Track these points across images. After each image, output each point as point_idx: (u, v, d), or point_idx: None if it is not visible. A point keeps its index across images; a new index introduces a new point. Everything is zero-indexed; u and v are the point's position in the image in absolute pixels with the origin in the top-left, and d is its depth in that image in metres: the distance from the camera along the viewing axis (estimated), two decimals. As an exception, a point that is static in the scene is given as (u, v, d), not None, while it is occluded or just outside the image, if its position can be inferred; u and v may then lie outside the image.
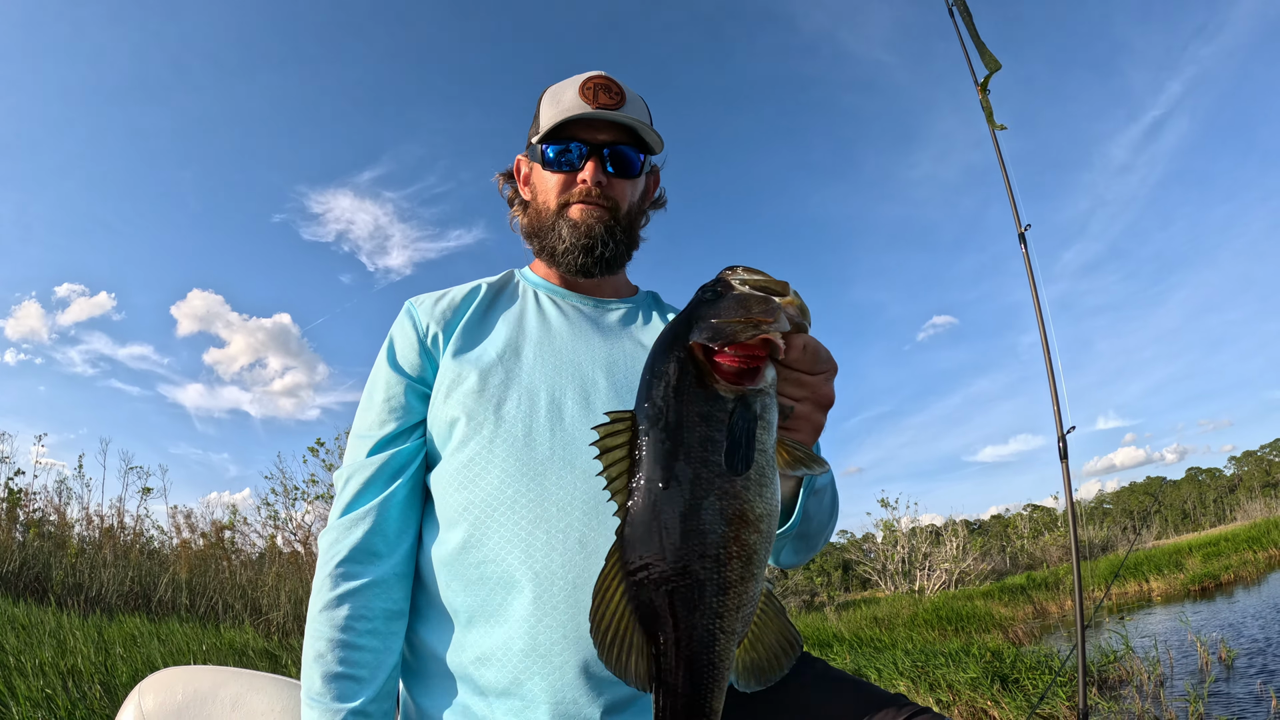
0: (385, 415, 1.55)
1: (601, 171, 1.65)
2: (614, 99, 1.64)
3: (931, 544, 19.19)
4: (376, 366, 1.63)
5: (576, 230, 1.65)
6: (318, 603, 1.38)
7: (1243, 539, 19.76)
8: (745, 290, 0.93)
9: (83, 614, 7.62)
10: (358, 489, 1.48)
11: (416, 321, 1.63)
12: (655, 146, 1.74)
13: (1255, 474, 70.18)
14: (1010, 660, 6.89)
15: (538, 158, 1.70)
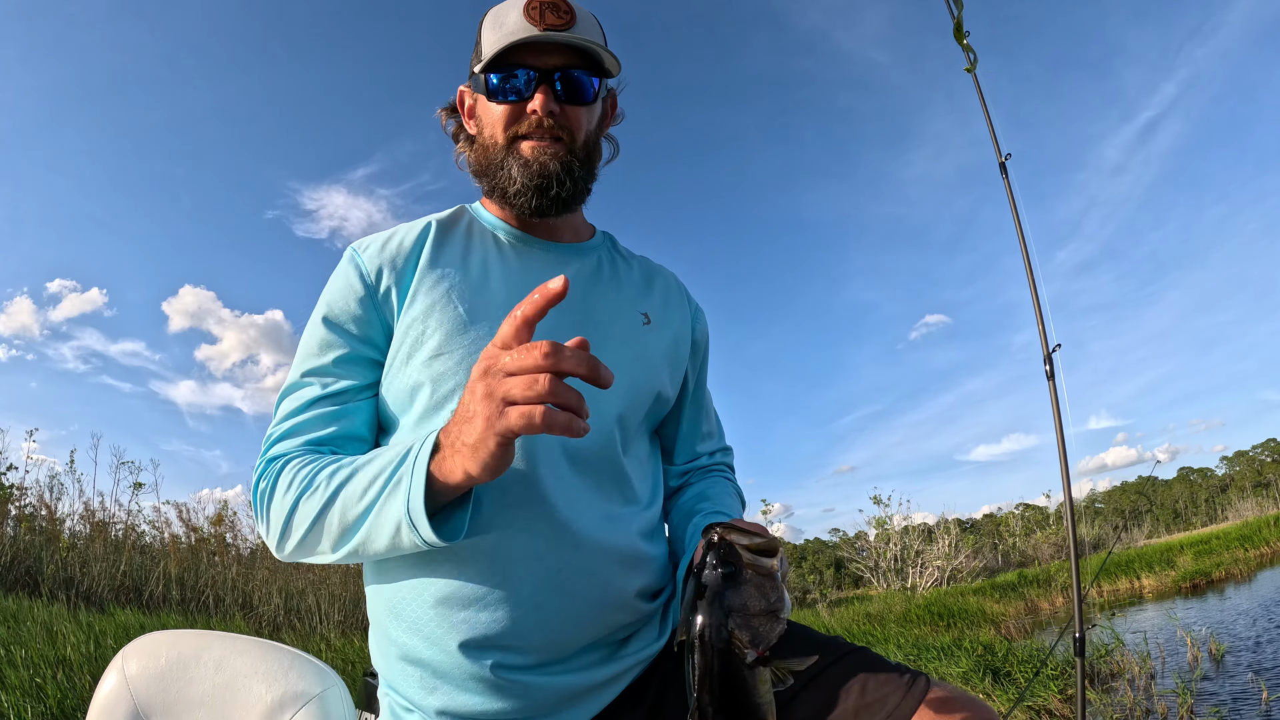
0: (319, 390, 1.40)
1: (553, 99, 1.47)
2: (563, 18, 1.45)
3: (924, 542, 19.21)
4: (310, 330, 1.46)
5: (529, 169, 1.47)
6: (284, 503, 1.26)
7: (1234, 537, 19.84)
8: (758, 569, 1.06)
9: (74, 607, 7.62)
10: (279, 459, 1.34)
11: (364, 270, 1.45)
12: (612, 69, 1.54)
13: (1247, 474, 70.42)
14: (1002, 654, 6.91)
15: (481, 88, 1.52)
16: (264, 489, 1.30)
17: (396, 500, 1.14)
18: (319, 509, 1.22)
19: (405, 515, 1.12)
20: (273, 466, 1.31)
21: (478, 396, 1.03)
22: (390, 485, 1.16)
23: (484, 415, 1.01)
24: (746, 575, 1.04)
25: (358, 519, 1.19)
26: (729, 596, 1.04)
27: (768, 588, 1.05)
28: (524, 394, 0.98)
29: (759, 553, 1.06)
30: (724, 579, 1.04)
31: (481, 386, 1.03)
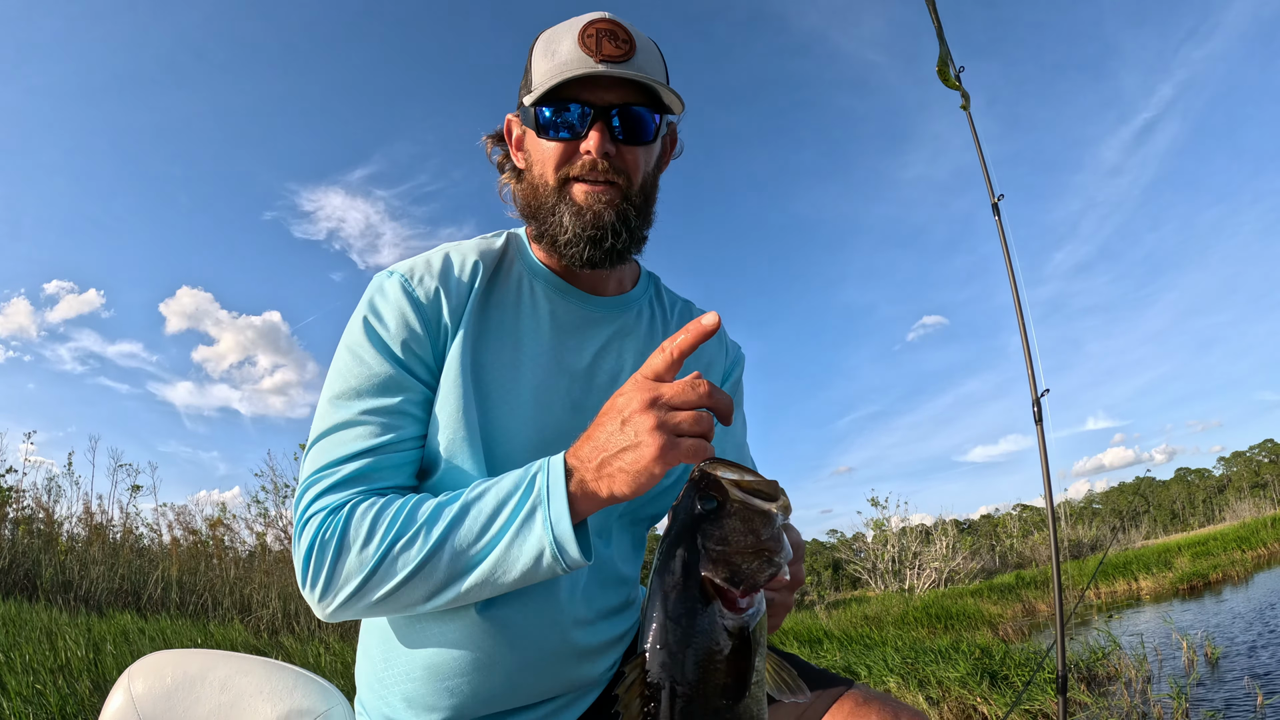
0: (374, 428, 1.27)
1: (609, 139, 1.34)
2: (621, 48, 1.33)
3: (921, 543, 19.24)
4: (353, 359, 1.31)
5: (581, 217, 1.35)
6: (358, 555, 1.14)
7: (1231, 539, 19.88)
8: (746, 503, 0.88)
9: (72, 611, 7.62)
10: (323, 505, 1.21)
11: (419, 302, 1.34)
12: (674, 106, 1.41)
13: (1244, 474, 70.57)
14: (999, 657, 6.92)
15: (531, 121, 1.39)
16: (327, 539, 1.15)
17: (533, 529, 1.10)
18: (425, 553, 1.13)
19: (551, 542, 1.09)
20: (335, 516, 1.17)
21: (645, 426, 1.02)
22: (521, 515, 1.12)
23: (656, 445, 1.00)
24: (730, 509, 0.87)
25: (477, 556, 1.13)
26: (706, 530, 0.87)
27: (758, 524, 0.87)
28: (692, 428, 1.01)
29: (751, 492, 0.89)
30: (704, 512, 0.88)
31: (650, 418, 1.02)
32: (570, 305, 1.47)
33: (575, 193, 1.37)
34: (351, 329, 1.34)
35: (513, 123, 1.50)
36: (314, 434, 1.29)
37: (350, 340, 1.33)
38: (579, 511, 1.11)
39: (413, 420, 1.31)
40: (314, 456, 1.26)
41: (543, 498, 1.11)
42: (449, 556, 1.13)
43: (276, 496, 11.94)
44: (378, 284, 1.37)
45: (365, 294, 1.38)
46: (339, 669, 5.97)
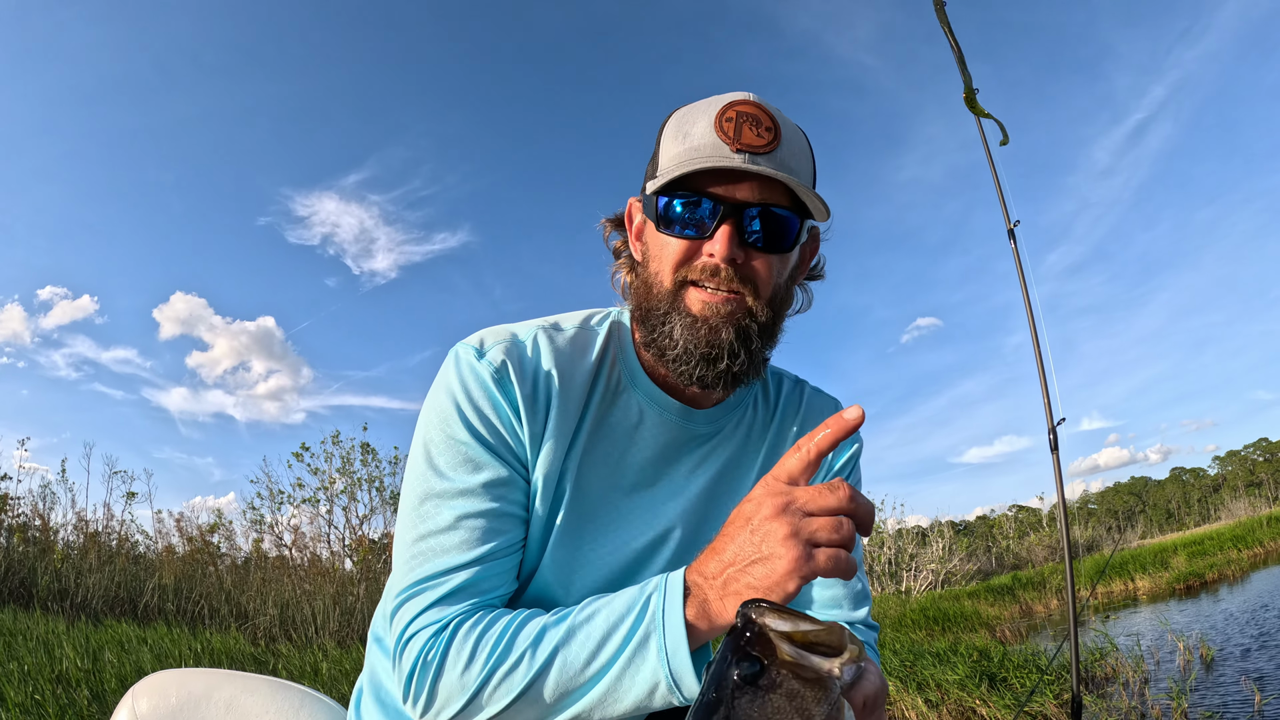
0: (477, 528, 1.16)
1: (738, 244, 1.17)
2: (764, 138, 1.15)
3: (918, 545, 19.23)
4: (447, 449, 1.19)
5: (695, 331, 1.19)
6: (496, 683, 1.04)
7: (1227, 538, 19.90)
8: (797, 668, 0.69)
9: (69, 619, 7.60)
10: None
11: (513, 396, 1.21)
12: (817, 215, 1.22)
13: (1239, 473, 70.80)
14: (998, 659, 6.92)
15: (652, 211, 1.21)
16: (429, 660, 1.06)
17: (648, 659, 1.00)
18: (529, 679, 1.02)
19: (666, 675, 0.98)
20: (438, 637, 1.07)
21: (777, 536, 0.91)
22: (634, 643, 1.01)
23: (790, 557, 0.90)
24: (777, 678, 0.68)
25: (584, 685, 1.03)
26: (740, 709, 0.68)
27: (810, 699, 0.68)
28: (829, 537, 0.91)
29: (805, 646, 0.70)
30: (741, 681, 0.69)
31: (783, 526, 0.91)
32: (670, 422, 1.33)
33: (690, 300, 1.20)
34: (442, 414, 1.21)
35: (634, 208, 1.34)
36: (408, 533, 1.17)
37: (444, 429, 1.20)
38: (698, 635, 1.00)
39: (516, 522, 1.21)
40: (412, 563, 1.15)
41: (657, 624, 1.01)
42: (553, 684, 1.03)
43: (272, 503, 11.95)
44: (468, 366, 1.22)
45: (452, 373, 1.23)
46: (338, 675, 5.96)
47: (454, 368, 1.23)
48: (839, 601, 1.40)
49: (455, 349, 1.26)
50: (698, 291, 1.19)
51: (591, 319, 1.36)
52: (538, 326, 1.29)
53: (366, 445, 12.07)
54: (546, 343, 1.26)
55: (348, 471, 11.94)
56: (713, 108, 1.17)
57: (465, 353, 1.24)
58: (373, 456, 12.04)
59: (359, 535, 11.41)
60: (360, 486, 11.87)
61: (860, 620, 1.41)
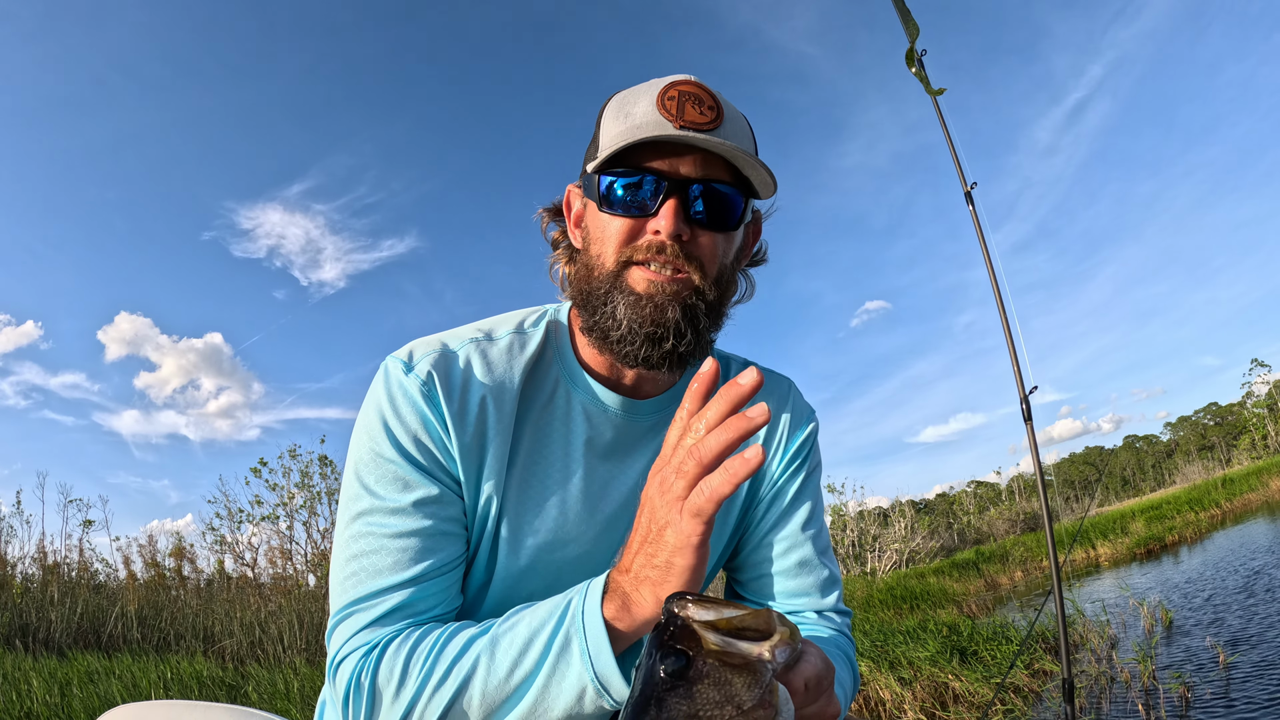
0: (410, 544, 1.13)
1: (683, 220, 1.14)
2: (707, 115, 1.13)
3: (880, 526, 19.39)
4: (376, 468, 1.16)
5: (639, 309, 1.15)
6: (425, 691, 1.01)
7: (1184, 501, 20.33)
8: (725, 655, 0.67)
9: (33, 654, 7.44)
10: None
11: (442, 412, 1.17)
12: (761, 189, 1.21)
13: (1191, 438, 72.17)
14: (967, 634, 7.01)
15: (593, 192, 1.18)
16: (362, 682, 1.03)
17: (571, 663, 0.96)
18: (455, 691, 0.99)
19: (593, 679, 0.95)
20: (368, 658, 1.04)
21: (662, 504, 0.90)
22: (555, 648, 0.98)
23: (676, 512, 0.88)
24: (704, 668, 0.66)
25: (513, 695, 0.99)
26: (670, 705, 0.66)
27: (740, 685, 0.66)
28: (692, 470, 0.85)
29: (732, 633, 0.68)
30: (667, 677, 0.66)
31: (663, 492, 0.90)
32: (613, 419, 1.30)
33: (634, 279, 1.16)
34: (370, 431, 1.18)
35: (573, 195, 1.31)
36: (342, 553, 1.15)
37: (372, 446, 1.17)
38: (621, 635, 0.97)
39: (450, 540, 1.18)
40: (345, 585, 1.12)
41: (578, 625, 0.97)
42: (479, 694, 0.99)
43: (231, 522, 11.79)
44: (395, 381, 1.19)
45: (380, 389, 1.20)
46: (310, 693, 5.89)
47: (382, 382, 1.20)
48: (807, 590, 1.37)
49: (385, 362, 1.23)
50: (642, 270, 1.16)
51: (526, 321, 1.33)
52: (470, 336, 1.27)
53: (325, 458, 11.93)
54: (478, 354, 1.24)
55: (306, 485, 11.81)
56: (654, 88, 1.16)
57: (394, 366, 1.21)
58: (331, 469, 11.91)
59: (320, 550, 11.29)
60: (320, 500, 11.74)
61: (830, 607, 1.38)
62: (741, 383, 0.84)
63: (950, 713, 5.46)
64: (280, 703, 5.62)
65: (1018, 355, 3.02)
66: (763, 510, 1.40)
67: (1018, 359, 3.01)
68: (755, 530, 1.41)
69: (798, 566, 1.37)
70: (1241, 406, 60.49)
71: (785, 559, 1.37)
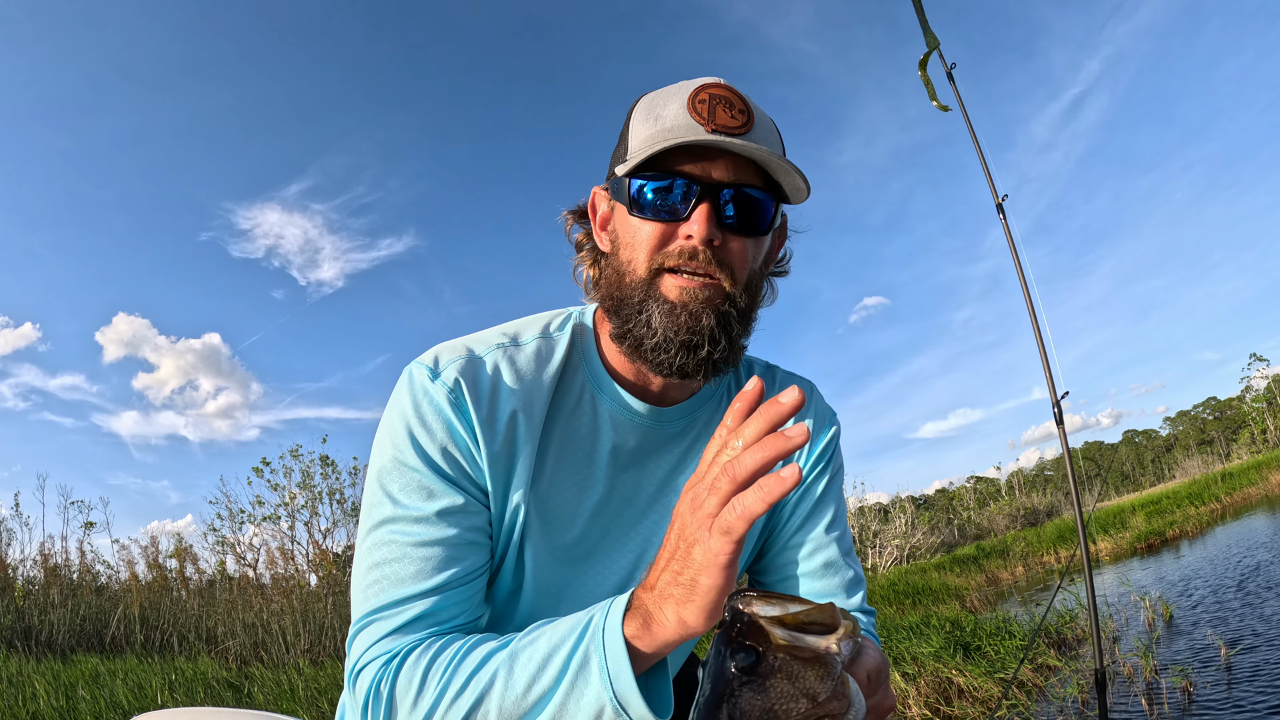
0: (433, 553, 1.12)
1: (715, 225, 1.13)
2: (738, 120, 1.12)
3: (880, 522, 19.38)
4: (400, 475, 1.15)
5: (674, 317, 1.14)
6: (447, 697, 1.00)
7: (1184, 496, 20.32)
8: (794, 649, 0.68)
9: (36, 657, 7.45)
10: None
11: (470, 421, 1.16)
12: (792, 194, 1.19)
13: (1190, 433, 72.18)
14: (970, 629, 7.01)
15: (623, 196, 1.17)
16: (381, 691, 1.03)
17: (590, 682, 0.95)
18: (473, 704, 0.99)
19: (611, 699, 0.93)
20: (388, 667, 1.05)
21: (693, 521, 0.87)
22: (574, 666, 0.97)
23: (707, 529, 0.85)
24: (775, 663, 0.67)
25: (530, 711, 0.98)
26: (744, 700, 0.66)
27: (813, 678, 0.67)
28: (726, 487, 0.82)
29: (798, 627, 0.69)
30: (739, 672, 0.67)
31: (694, 508, 0.87)
32: (640, 426, 1.29)
33: (667, 287, 1.15)
34: (394, 439, 1.17)
35: (599, 197, 1.30)
36: (364, 561, 1.14)
37: (396, 454, 1.16)
38: (642, 655, 0.95)
39: (474, 550, 1.17)
40: (368, 592, 1.12)
41: (597, 643, 0.96)
42: (496, 709, 0.98)
43: (233, 522, 11.79)
44: (421, 388, 1.18)
45: (405, 395, 1.19)
46: (315, 694, 5.89)
47: (407, 389, 1.19)
48: (831, 591, 1.36)
49: (409, 368, 1.22)
50: (674, 278, 1.15)
51: (551, 325, 1.32)
52: (496, 342, 1.25)
53: (326, 458, 11.95)
54: (505, 360, 1.22)
55: (308, 485, 11.81)
56: (684, 91, 1.15)
57: (419, 373, 1.19)
58: (332, 469, 11.93)
59: (322, 549, 11.29)
60: (321, 500, 11.75)
61: (856, 607, 1.37)
62: (782, 401, 0.82)
63: (955, 708, 5.47)
64: (287, 703, 5.62)
65: (1049, 363, 3.01)
66: (788, 513, 1.40)
67: (1050, 366, 3.00)
68: (780, 533, 1.41)
69: (823, 568, 1.37)
70: (1240, 401, 60.47)
71: (810, 560, 1.37)
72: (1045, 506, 27.37)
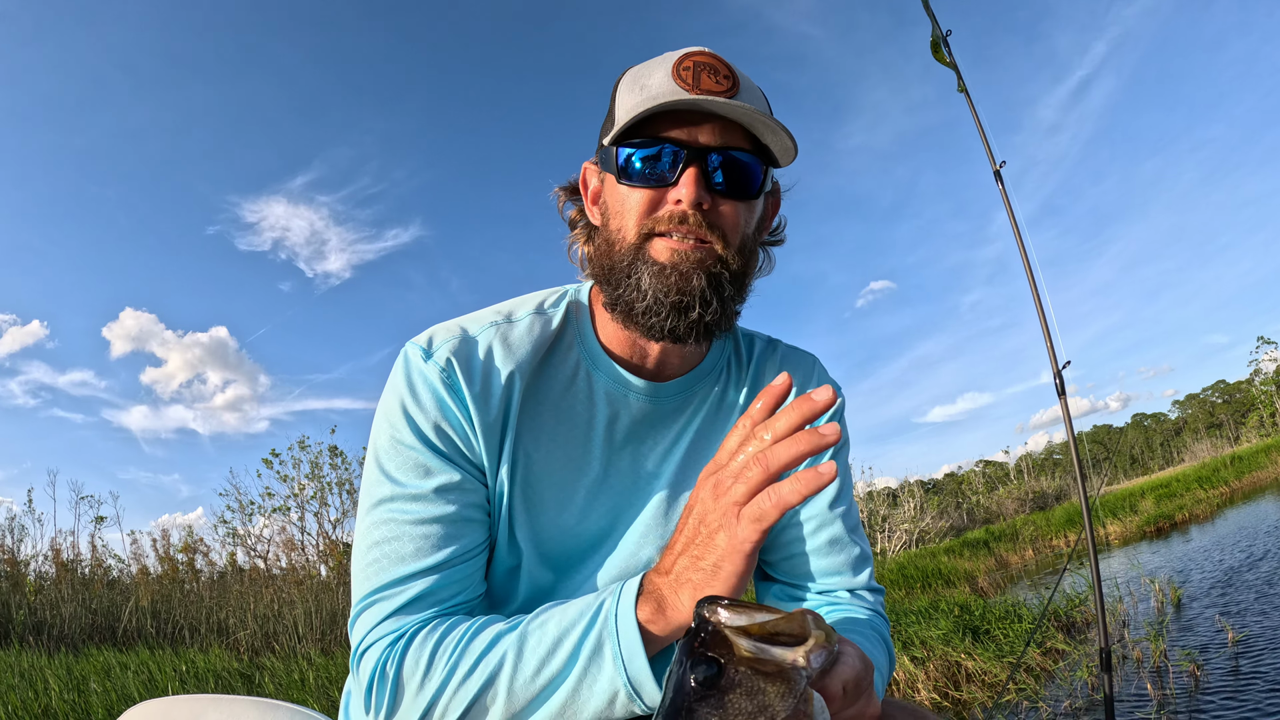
0: (433, 530, 1.12)
1: (704, 188, 1.12)
2: (723, 85, 1.12)
3: (889, 506, 19.38)
4: (397, 454, 1.15)
5: (664, 279, 1.14)
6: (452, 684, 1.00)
7: (1193, 479, 20.26)
8: (757, 663, 0.65)
9: (48, 652, 7.49)
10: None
11: (462, 395, 1.17)
12: (781, 155, 1.18)
13: (1199, 416, 72.03)
14: (979, 612, 7.00)
15: (611, 165, 1.17)
16: (386, 672, 1.03)
17: (603, 667, 0.96)
18: (480, 687, 0.99)
19: (625, 683, 0.94)
20: (393, 648, 1.04)
21: (716, 509, 0.88)
22: (586, 649, 0.97)
23: (732, 518, 0.86)
24: (736, 676, 0.64)
25: (540, 695, 0.98)
26: (701, 716, 0.63)
27: (771, 696, 0.64)
28: (755, 478, 0.84)
29: (765, 638, 0.66)
30: (699, 685, 0.64)
31: (717, 496, 0.88)
32: (636, 402, 1.28)
33: (657, 250, 1.15)
34: (390, 418, 1.17)
35: (589, 171, 1.30)
36: (363, 541, 1.14)
37: (392, 433, 1.16)
38: (655, 638, 0.96)
39: (474, 527, 1.17)
40: (368, 572, 1.11)
41: (610, 628, 0.97)
42: (504, 693, 0.98)
43: (243, 514, 11.84)
44: (415, 368, 1.18)
45: (399, 376, 1.20)
46: (326, 682, 5.92)
47: (402, 369, 1.20)
48: (839, 569, 1.36)
49: (405, 349, 1.22)
50: (664, 240, 1.14)
51: (545, 302, 1.32)
52: (490, 320, 1.25)
53: (334, 448, 12.00)
54: (499, 337, 1.22)
55: (317, 476, 11.85)
56: (668, 60, 1.14)
57: (413, 353, 1.20)
58: (341, 459, 11.97)
59: (331, 540, 11.33)
60: (330, 490, 11.79)
61: (863, 585, 1.37)
62: (816, 398, 0.82)
63: (964, 692, 5.47)
64: (297, 693, 5.64)
65: (1050, 330, 2.97)
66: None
67: (1050, 333, 2.96)
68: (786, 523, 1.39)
69: (829, 545, 1.36)
70: (1249, 384, 60.29)
71: (816, 537, 1.36)
72: (1054, 490, 27.34)
